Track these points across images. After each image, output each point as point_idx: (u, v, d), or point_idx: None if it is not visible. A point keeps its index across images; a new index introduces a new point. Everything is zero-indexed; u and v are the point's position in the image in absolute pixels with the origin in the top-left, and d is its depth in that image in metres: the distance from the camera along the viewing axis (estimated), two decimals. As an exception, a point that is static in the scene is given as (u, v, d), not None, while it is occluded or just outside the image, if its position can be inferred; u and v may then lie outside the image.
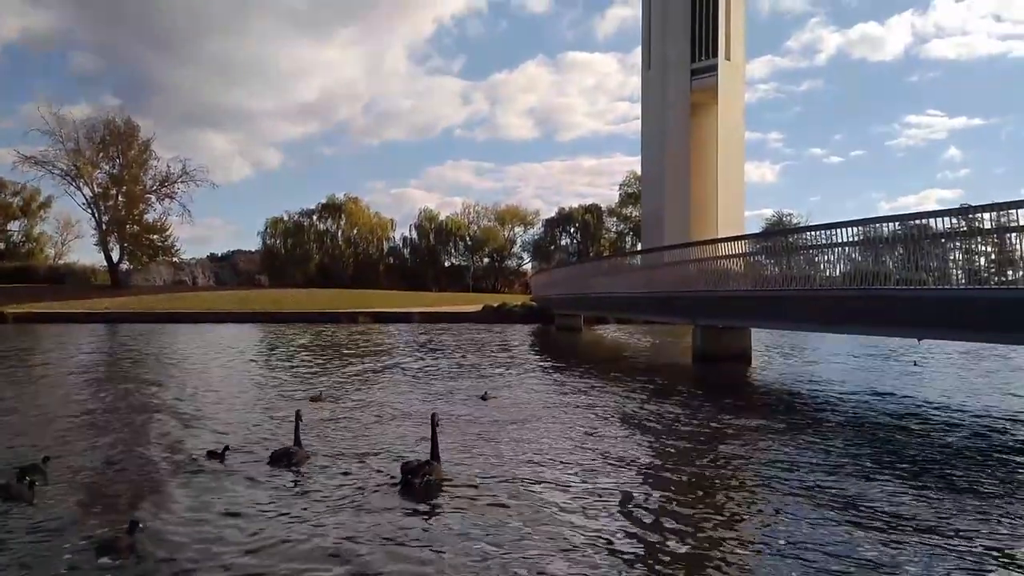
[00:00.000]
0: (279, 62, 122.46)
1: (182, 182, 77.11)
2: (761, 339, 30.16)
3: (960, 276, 14.91)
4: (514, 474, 9.38)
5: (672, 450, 11.17)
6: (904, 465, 10.05)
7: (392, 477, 8.95)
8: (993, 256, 14.66)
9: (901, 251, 16.08)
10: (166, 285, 78.89)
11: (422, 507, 7.97)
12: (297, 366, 22.85)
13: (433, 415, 9.65)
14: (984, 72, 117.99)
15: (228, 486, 8.78)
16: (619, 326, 44.68)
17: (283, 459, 9.74)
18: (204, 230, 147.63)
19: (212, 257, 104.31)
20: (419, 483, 8.48)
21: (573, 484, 8.99)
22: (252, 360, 25.42)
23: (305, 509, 7.88)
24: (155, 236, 78.99)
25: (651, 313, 31.14)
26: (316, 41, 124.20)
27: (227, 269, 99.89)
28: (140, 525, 6.85)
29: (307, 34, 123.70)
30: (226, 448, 10.13)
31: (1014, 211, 13.32)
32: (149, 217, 78.63)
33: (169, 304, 57.15)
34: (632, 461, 10.37)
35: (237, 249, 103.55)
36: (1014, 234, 13.49)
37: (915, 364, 22.25)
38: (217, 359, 25.40)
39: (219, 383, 18.85)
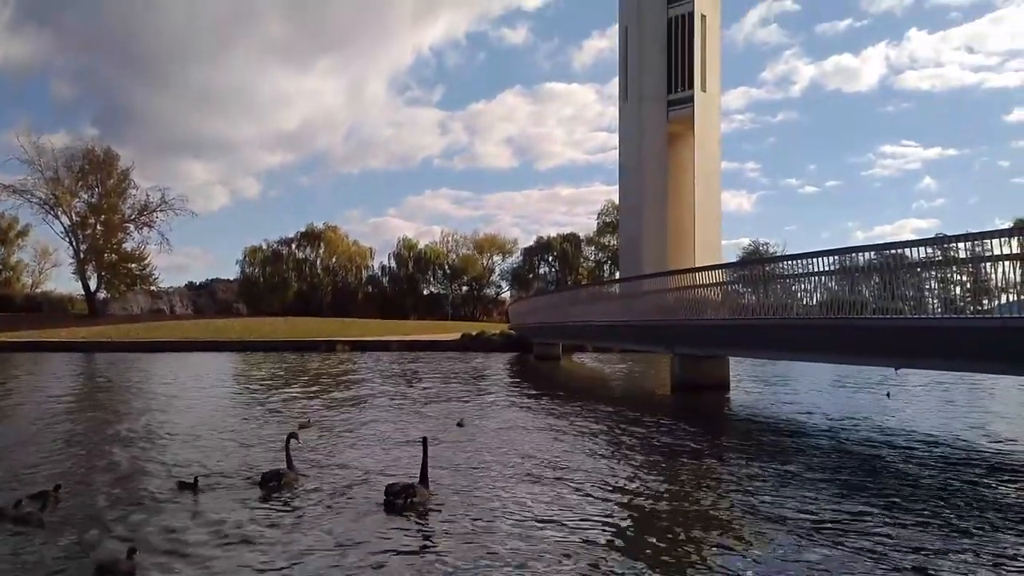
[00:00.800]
0: (259, 91, 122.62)
1: (161, 211, 76.69)
2: (739, 368, 30.23)
3: (936, 305, 15.02)
4: (489, 496, 9.78)
5: (647, 477, 11.12)
6: (880, 493, 10.02)
7: (378, 500, 9.36)
8: (969, 285, 14.79)
9: (877, 280, 16.20)
10: (143, 314, 77.89)
11: (405, 525, 8.49)
12: (275, 395, 22.53)
13: (424, 439, 10.24)
14: (958, 103, 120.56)
15: (218, 509, 9.11)
16: (598, 355, 44.64)
17: (272, 480, 10.19)
18: (182, 259, 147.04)
19: (190, 286, 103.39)
20: (401, 504, 9.04)
21: (547, 506, 9.33)
22: (230, 389, 25.08)
23: (295, 529, 8.35)
24: (133, 265, 78.30)
25: (629, 342, 31.17)
26: (296, 70, 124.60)
27: (205, 298, 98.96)
28: (136, 550, 7.10)
29: (287, 63, 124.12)
30: (196, 479, 10.12)
31: (988, 241, 13.49)
32: (127, 246, 78.16)
33: (146, 333, 56.52)
34: (607, 487, 10.35)
35: (215, 278, 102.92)
36: (989, 263, 13.65)
37: (887, 396, 21.80)
38: (194, 388, 25.03)
39: (197, 412, 18.59)
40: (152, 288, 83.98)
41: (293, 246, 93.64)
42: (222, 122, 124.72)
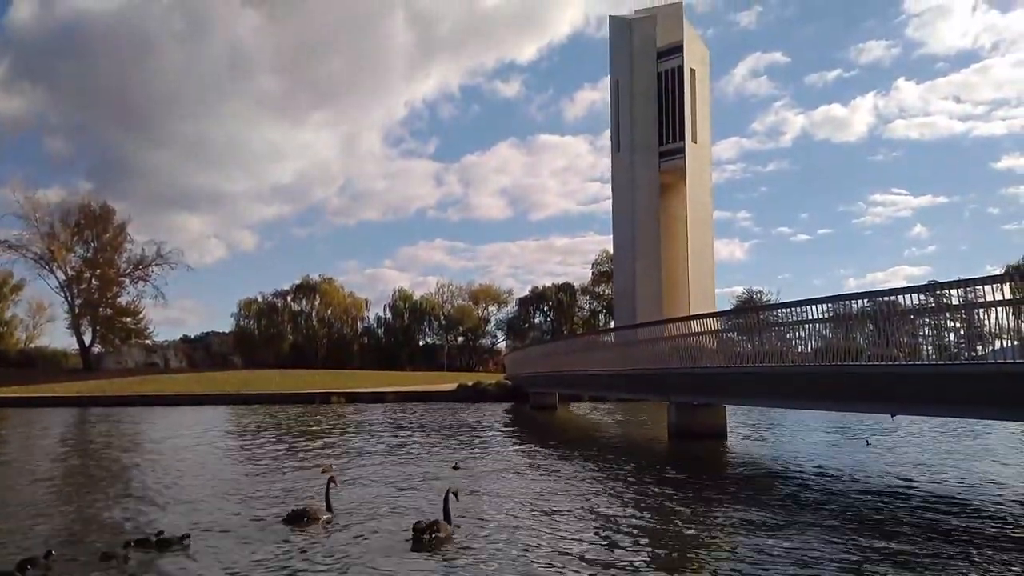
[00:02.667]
0: (253, 144, 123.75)
1: (156, 265, 76.92)
2: (736, 415, 30.13)
3: (931, 351, 15.11)
4: (498, 535, 10.63)
5: (640, 522, 11.17)
6: (875, 544, 9.97)
7: (406, 535, 10.34)
8: (962, 331, 14.90)
9: (871, 327, 16.32)
10: (138, 368, 77.49)
11: (429, 557, 9.54)
12: (272, 448, 22.36)
13: (448, 488, 11.20)
14: (947, 151, 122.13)
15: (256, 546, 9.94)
16: (594, 404, 44.43)
17: (300, 518, 11.08)
18: (177, 312, 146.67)
19: (185, 339, 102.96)
20: (427, 539, 10.01)
21: (548, 545, 9.94)
22: (226, 443, 24.85)
23: (338, 559, 9.38)
24: (128, 319, 78.19)
25: (625, 391, 31.10)
26: (290, 124, 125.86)
27: (200, 351, 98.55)
28: None
29: (281, 117, 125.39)
30: (186, 535, 10.08)
31: (980, 287, 13.65)
32: (122, 300, 78.12)
33: (141, 387, 56.15)
34: (606, 531, 10.46)
35: (210, 331, 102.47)
36: (982, 309, 13.79)
37: (867, 443, 21.39)
38: (190, 443, 24.81)
39: (194, 466, 18.47)
40: (147, 342, 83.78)
41: (288, 298, 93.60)
42: (216, 175, 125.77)
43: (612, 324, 68.59)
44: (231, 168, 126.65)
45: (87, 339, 75.97)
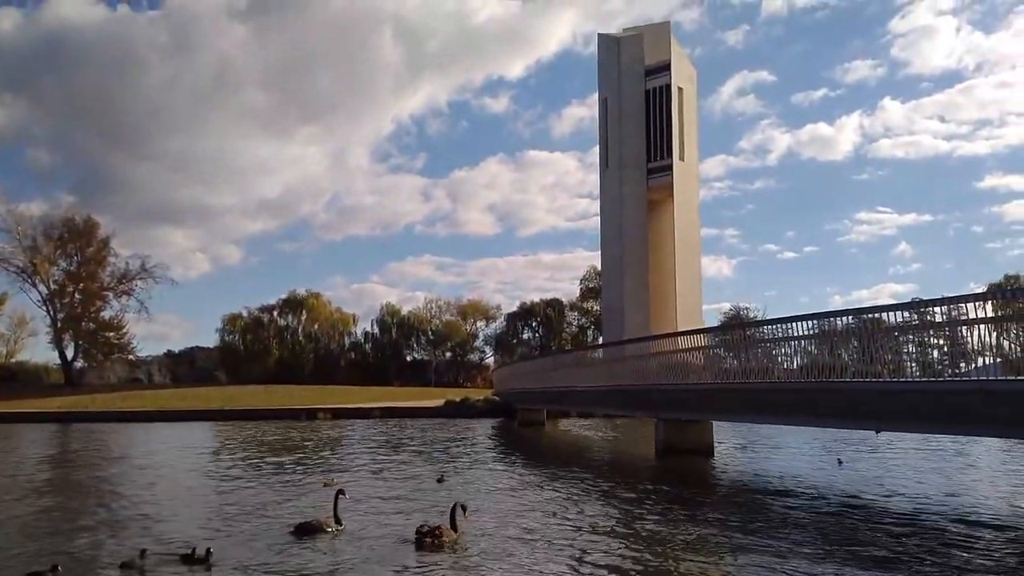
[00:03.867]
0: (239, 159, 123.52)
1: (140, 279, 76.49)
2: (723, 432, 30.17)
3: (914, 368, 15.24)
4: (493, 541, 11.28)
5: (624, 540, 11.19)
6: (856, 561, 10.02)
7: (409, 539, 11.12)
8: (946, 349, 15.03)
9: (856, 344, 16.44)
10: (121, 383, 76.79)
11: (426, 558, 10.26)
12: (257, 466, 22.20)
13: (456, 503, 11.72)
14: (931, 170, 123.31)
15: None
16: (582, 420, 44.37)
17: (307, 530, 11.54)
18: (161, 327, 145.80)
19: (169, 354, 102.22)
20: (430, 542, 10.70)
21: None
22: (210, 460, 24.65)
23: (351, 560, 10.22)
24: (111, 333, 77.60)
25: (613, 407, 31.13)
26: (277, 138, 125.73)
27: (184, 366, 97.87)
28: None
29: (268, 131, 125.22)
30: (208, 551, 10.09)
31: (964, 305, 13.80)
32: (106, 314, 77.60)
33: (123, 403, 55.66)
34: (590, 548, 10.49)
35: (195, 346, 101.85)
36: (965, 327, 13.93)
37: (840, 463, 20.96)
38: (172, 460, 24.60)
39: (180, 485, 18.34)
40: (130, 357, 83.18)
41: (275, 313, 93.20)
42: (202, 189, 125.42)
43: (600, 340, 68.68)
44: (217, 182, 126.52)
45: (69, 354, 75.49)
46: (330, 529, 11.65)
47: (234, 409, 51.56)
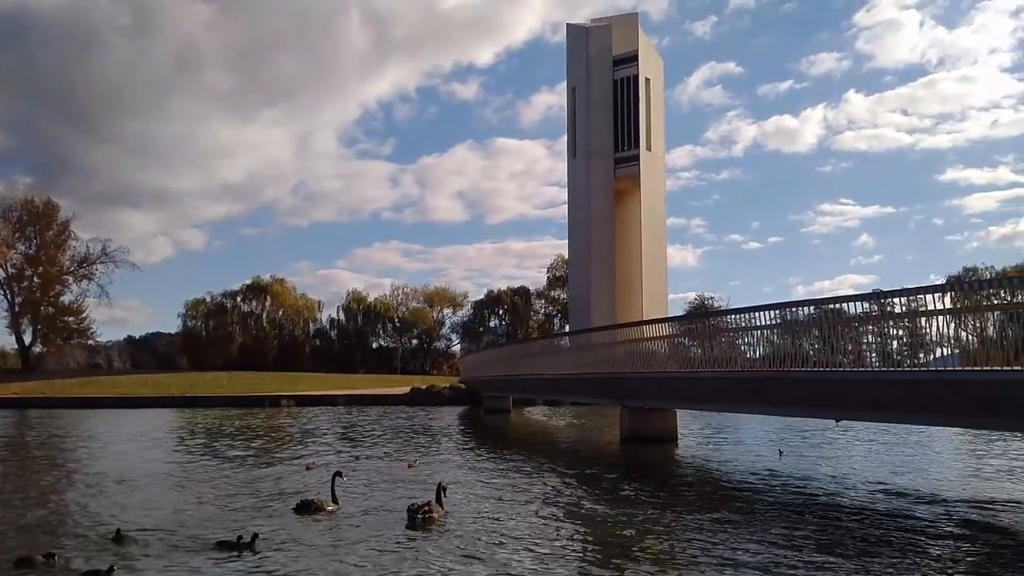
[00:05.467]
0: (202, 141, 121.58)
1: (101, 263, 75.04)
2: (688, 419, 30.50)
3: (874, 359, 15.50)
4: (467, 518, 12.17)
5: (585, 524, 11.49)
6: (812, 542, 10.21)
7: (402, 515, 11.91)
8: (905, 339, 15.31)
9: (818, 334, 16.68)
10: (80, 369, 75.39)
11: (421, 534, 11.11)
12: (216, 453, 21.95)
13: (440, 483, 12.76)
14: (893, 163, 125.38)
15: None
16: (548, 408, 44.56)
17: (308, 508, 12.35)
18: (122, 312, 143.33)
19: (130, 340, 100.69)
20: (420, 518, 11.47)
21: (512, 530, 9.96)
22: (169, 448, 24.32)
23: (348, 536, 10.96)
24: (71, 318, 76.13)
25: (579, 395, 31.29)
26: (240, 121, 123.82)
27: (145, 352, 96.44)
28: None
29: (231, 114, 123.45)
30: (255, 536, 10.41)
31: (923, 296, 14.05)
32: (65, 299, 76.07)
33: (82, 389, 54.75)
34: (553, 536, 10.62)
35: (156, 331, 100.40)
36: (924, 318, 14.20)
37: (780, 454, 20.70)
38: (132, 446, 24.23)
39: (141, 470, 18.03)
40: (90, 342, 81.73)
41: (238, 299, 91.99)
42: (163, 173, 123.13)
43: (567, 328, 68.95)
44: (178, 165, 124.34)
45: (27, 338, 74.07)
46: (329, 508, 12.36)
47: (196, 396, 50.94)
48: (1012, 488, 15.04)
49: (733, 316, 20.24)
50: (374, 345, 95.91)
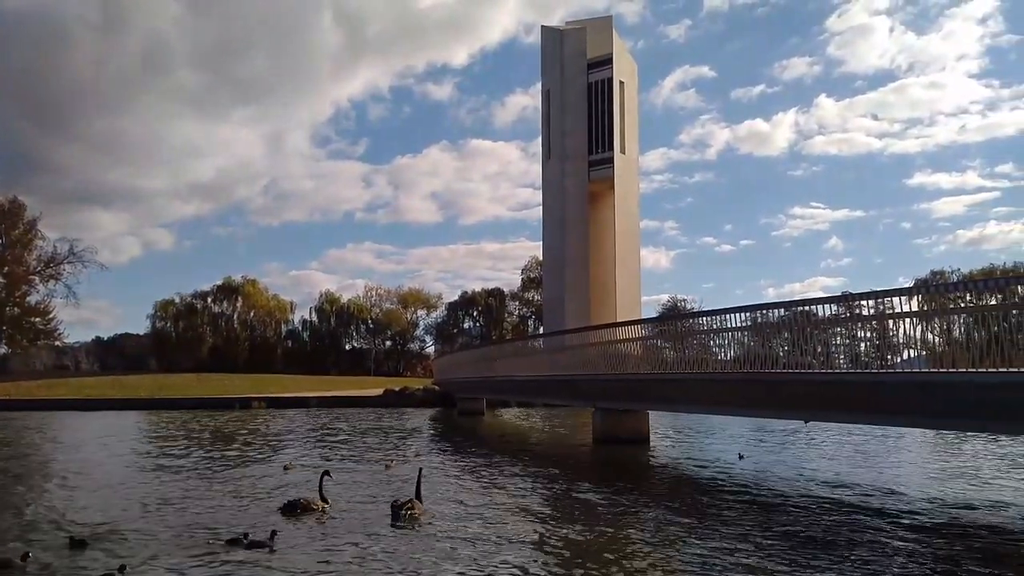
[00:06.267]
0: (170, 140, 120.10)
1: (69, 263, 73.86)
2: (660, 421, 30.65)
3: (843, 360, 15.67)
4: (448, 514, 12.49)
5: (558, 524, 11.49)
6: (776, 545, 10.31)
7: (385, 513, 12.17)
8: (874, 341, 15.50)
9: (788, 336, 16.82)
10: (46, 370, 74.12)
11: (405, 529, 11.43)
12: (183, 455, 21.67)
13: (420, 469, 13.33)
14: (863, 167, 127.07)
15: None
16: (521, 410, 44.57)
17: (294, 508, 12.44)
18: (90, 312, 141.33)
19: (98, 341, 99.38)
20: (404, 514, 11.77)
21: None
22: (135, 451, 23.95)
23: (337, 531, 11.29)
24: (37, 319, 74.84)
25: (552, 396, 31.31)
26: (210, 120, 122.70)
27: (114, 353, 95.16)
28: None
29: (200, 113, 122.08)
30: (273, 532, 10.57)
31: (892, 298, 14.23)
32: (32, 299, 74.76)
33: (49, 391, 53.81)
34: (526, 535, 10.61)
35: (125, 332, 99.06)
36: (892, 320, 14.38)
37: (740, 456, 20.42)
38: (101, 448, 23.86)
39: (112, 472, 17.79)
40: (57, 343, 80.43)
41: (209, 299, 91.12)
42: (132, 171, 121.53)
43: (541, 330, 69.04)
44: (147, 164, 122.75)
45: (-8, 340, 72.48)
46: (316, 507, 12.47)
47: (165, 398, 50.28)
48: (964, 487, 15.30)
49: (705, 318, 20.37)
50: (347, 347, 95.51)
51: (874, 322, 15.02)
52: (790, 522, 12.05)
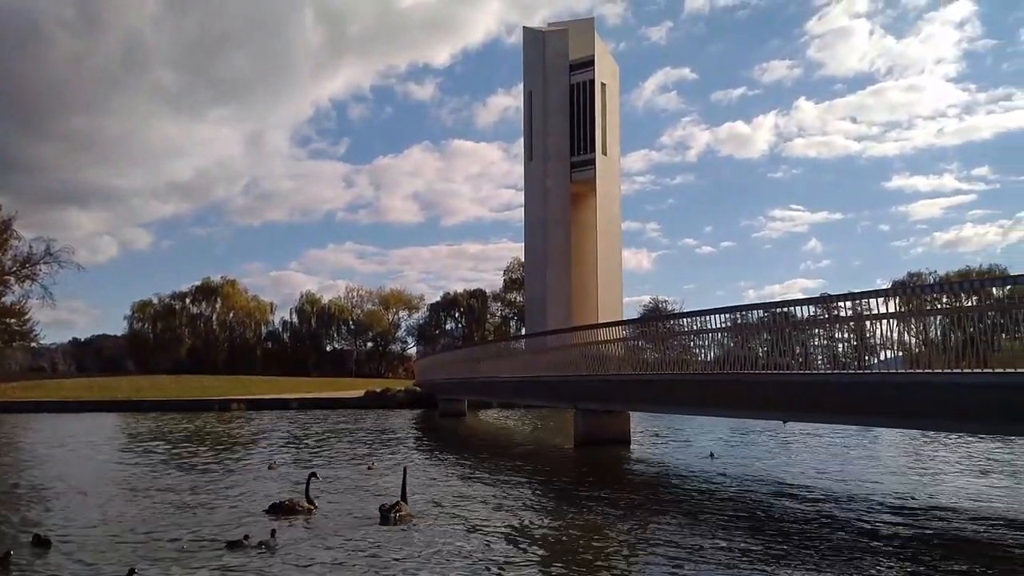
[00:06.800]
0: (149, 140, 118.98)
1: (45, 263, 72.81)
2: (641, 421, 30.75)
3: (822, 361, 15.79)
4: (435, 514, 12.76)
5: (537, 525, 11.67)
6: (755, 543, 10.38)
7: (372, 514, 12.31)
8: (853, 342, 15.62)
9: (767, 337, 16.93)
10: (22, 372, 73.14)
11: (394, 530, 11.56)
12: (172, 455, 21.47)
13: (404, 468, 13.57)
14: (842, 170, 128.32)
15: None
16: (503, 411, 44.55)
17: (279, 509, 12.52)
18: (66, 313, 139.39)
19: (75, 342, 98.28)
20: (392, 516, 11.94)
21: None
22: (117, 452, 23.71)
23: (327, 531, 11.43)
24: (12, 320, 73.59)
25: (534, 397, 31.31)
26: (189, 119, 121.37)
27: (90, 355, 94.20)
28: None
29: (179, 112, 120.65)
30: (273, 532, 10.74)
31: (870, 300, 14.36)
32: (7, 300, 73.38)
33: (25, 393, 53.15)
34: (508, 531, 10.83)
35: (102, 334, 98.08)
36: (870, 321, 14.51)
37: (711, 456, 20.81)
38: (81, 451, 23.61)
39: (94, 476, 17.56)
40: (32, 344, 79.21)
41: (187, 300, 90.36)
42: (109, 171, 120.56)
43: (523, 331, 69.03)
44: (125, 164, 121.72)
45: (-34, 341, 71.36)
46: (302, 508, 12.59)
47: (143, 400, 49.80)
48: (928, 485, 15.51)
49: (686, 319, 20.46)
50: (328, 348, 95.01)
51: (852, 323, 15.14)
52: (768, 519, 12.16)
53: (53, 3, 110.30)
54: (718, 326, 18.17)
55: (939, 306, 14.21)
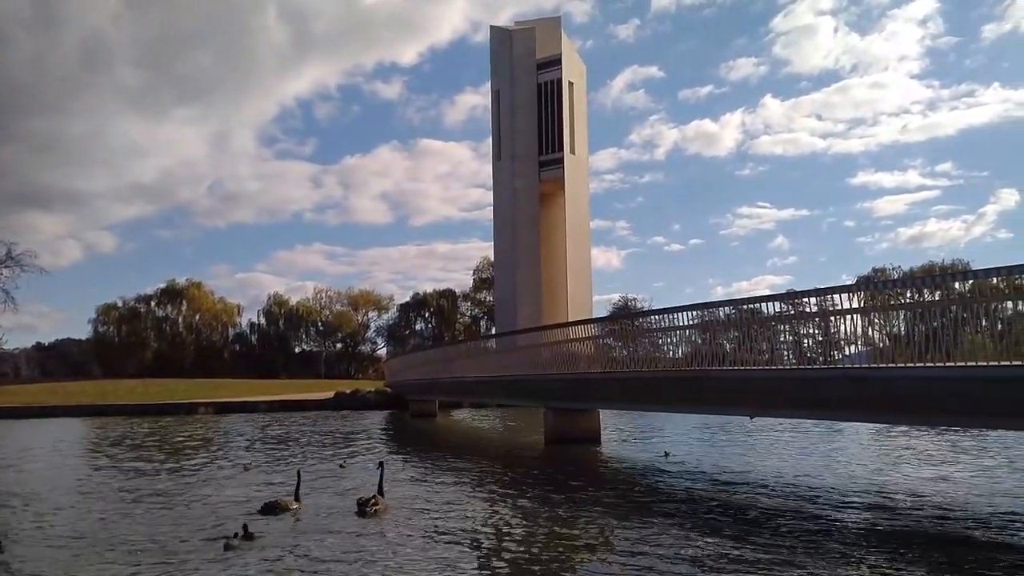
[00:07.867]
0: (111, 140, 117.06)
1: (6, 267, 71.16)
2: (611, 419, 30.87)
3: (789, 357, 15.94)
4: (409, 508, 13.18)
5: (508, 524, 11.62)
6: (715, 539, 10.47)
7: (350, 507, 13.00)
8: (819, 338, 15.78)
9: (736, 334, 17.05)
10: (-19, 377, 71.61)
11: (370, 523, 12.03)
12: (141, 459, 21.09)
13: (380, 462, 14.37)
14: (807, 167, 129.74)
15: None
16: (474, 411, 44.48)
17: (273, 509, 12.94)
18: (30, 318, 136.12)
19: (38, 347, 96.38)
20: (368, 510, 12.55)
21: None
22: (85, 457, 23.24)
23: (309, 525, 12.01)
24: (-29, 324, 72.17)
25: (504, 397, 31.31)
26: (152, 119, 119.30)
27: (55, 359, 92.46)
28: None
29: (141, 112, 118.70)
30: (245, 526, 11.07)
31: (835, 296, 14.53)
32: (-33, 305, 71.79)
33: (-15, 398, 51.91)
34: (477, 531, 10.73)
35: (66, 338, 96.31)
36: (835, 317, 14.67)
37: (665, 455, 20.62)
38: (49, 457, 23.09)
39: (63, 483, 17.13)
40: (-7, 350, 77.58)
41: (152, 303, 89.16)
42: (71, 172, 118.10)
43: (493, 330, 68.98)
44: (87, 165, 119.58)
45: (-76, 347, 69.64)
46: (293, 507, 13.13)
47: (109, 404, 48.96)
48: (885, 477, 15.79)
49: (655, 317, 20.54)
50: (297, 350, 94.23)
51: (818, 319, 15.31)
52: (736, 513, 12.29)
53: (9, 2, 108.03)
54: (686, 323, 18.27)
55: (903, 301, 14.42)
